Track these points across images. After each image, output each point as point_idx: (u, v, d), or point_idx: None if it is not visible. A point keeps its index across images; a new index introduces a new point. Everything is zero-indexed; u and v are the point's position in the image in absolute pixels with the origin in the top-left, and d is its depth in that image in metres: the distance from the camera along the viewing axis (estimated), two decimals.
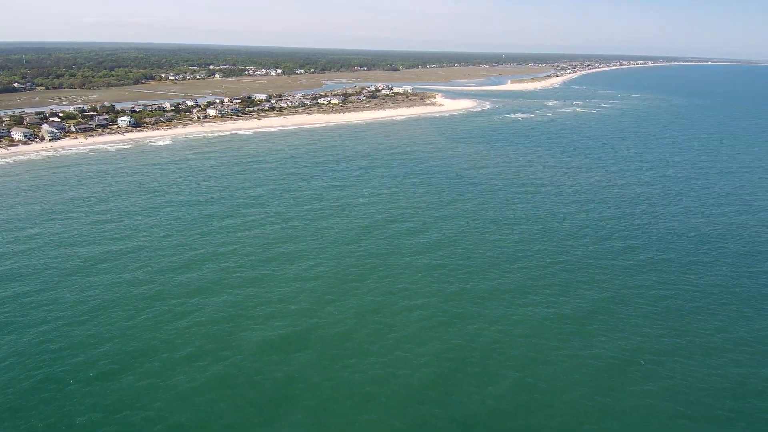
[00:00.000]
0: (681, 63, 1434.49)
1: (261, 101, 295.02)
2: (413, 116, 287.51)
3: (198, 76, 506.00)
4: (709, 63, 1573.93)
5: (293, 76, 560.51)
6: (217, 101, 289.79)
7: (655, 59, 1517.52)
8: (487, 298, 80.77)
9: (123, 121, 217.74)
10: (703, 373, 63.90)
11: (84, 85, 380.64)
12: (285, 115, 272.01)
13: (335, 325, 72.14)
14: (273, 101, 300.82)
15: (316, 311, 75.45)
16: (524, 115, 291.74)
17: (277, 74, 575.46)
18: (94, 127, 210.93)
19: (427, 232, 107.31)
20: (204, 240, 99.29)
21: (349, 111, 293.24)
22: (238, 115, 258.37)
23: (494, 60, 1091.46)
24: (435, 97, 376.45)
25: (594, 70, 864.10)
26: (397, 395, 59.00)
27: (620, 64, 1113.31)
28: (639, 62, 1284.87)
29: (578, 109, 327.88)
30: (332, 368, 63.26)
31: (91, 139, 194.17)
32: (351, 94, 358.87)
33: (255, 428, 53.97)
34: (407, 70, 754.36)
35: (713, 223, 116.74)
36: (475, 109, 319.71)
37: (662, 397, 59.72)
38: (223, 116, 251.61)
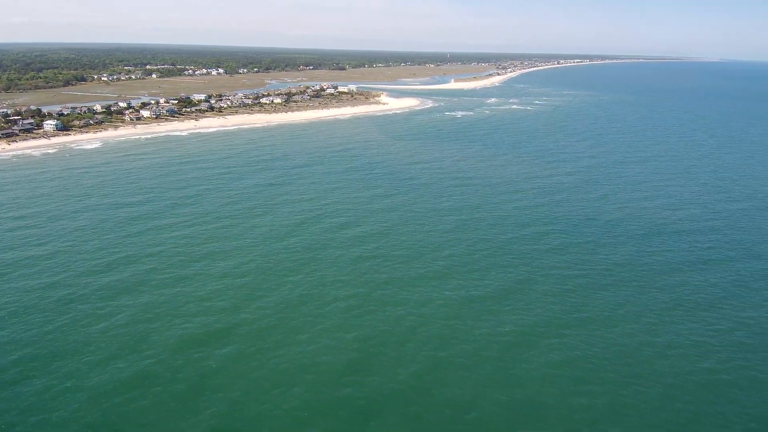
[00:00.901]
0: (615, 61, 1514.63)
1: (199, 101, 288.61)
2: (357, 115, 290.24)
3: (134, 77, 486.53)
4: (641, 61, 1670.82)
5: (236, 76, 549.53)
6: (152, 102, 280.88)
7: (591, 57, 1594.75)
8: (413, 285, 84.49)
9: (49, 125, 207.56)
10: (602, 343, 70.08)
11: (9, 88, 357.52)
12: (225, 115, 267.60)
13: (263, 319, 73.50)
14: (212, 101, 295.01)
15: (243, 306, 76.48)
16: (464, 113, 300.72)
17: (218, 74, 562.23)
18: (17, 132, 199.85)
19: (361, 225, 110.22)
20: (130, 242, 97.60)
21: (293, 110, 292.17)
22: (174, 116, 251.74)
23: (440, 59, 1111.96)
24: (380, 96, 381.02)
25: (533, 69, 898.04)
26: (321, 381, 61.30)
27: (558, 63, 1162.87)
28: (576, 61, 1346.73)
29: (514, 106, 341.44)
30: (258, 359, 64.74)
31: (14, 145, 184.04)
32: (295, 94, 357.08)
33: (178, 421, 54.68)
34: (354, 69, 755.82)
35: (623, 208, 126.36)
36: (418, 108, 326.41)
37: (565, 366, 65.20)
38: (158, 117, 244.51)
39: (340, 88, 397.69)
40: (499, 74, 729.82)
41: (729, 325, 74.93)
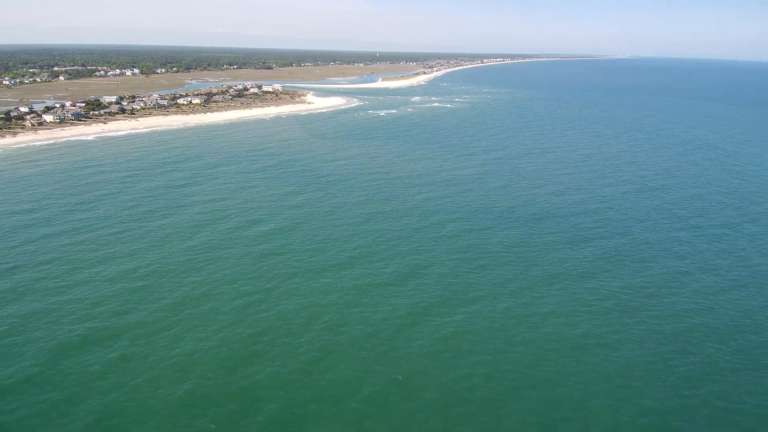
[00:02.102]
0: (534, 60, 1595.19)
1: (110, 104, 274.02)
2: (281, 114, 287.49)
3: (39, 80, 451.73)
4: (558, 59, 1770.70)
5: (153, 76, 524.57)
6: (57, 106, 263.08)
7: (513, 56, 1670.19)
8: (317, 277, 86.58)
9: None
10: (489, 318, 75.76)
11: None
12: (137, 117, 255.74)
13: (158, 321, 72.65)
14: (125, 103, 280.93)
15: (137, 309, 75.12)
16: (387, 111, 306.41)
17: (134, 74, 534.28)
18: None
19: (269, 222, 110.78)
20: (17, 251, 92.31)
21: (212, 111, 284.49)
22: (80, 120, 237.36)
23: (369, 59, 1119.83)
24: (306, 95, 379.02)
25: (458, 68, 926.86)
26: (213, 374, 61.94)
27: (482, 62, 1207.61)
28: (498, 60, 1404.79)
29: (436, 104, 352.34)
30: (149, 359, 64.20)
31: None
32: (215, 94, 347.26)
33: (54, 428, 53.53)
34: (281, 68, 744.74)
35: (521, 196, 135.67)
36: (344, 107, 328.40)
37: (452, 340, 69.99)
38: (62, 122, 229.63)
39: (265, 88, 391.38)
40: (425, 73, 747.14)
41: (600, 295, 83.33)
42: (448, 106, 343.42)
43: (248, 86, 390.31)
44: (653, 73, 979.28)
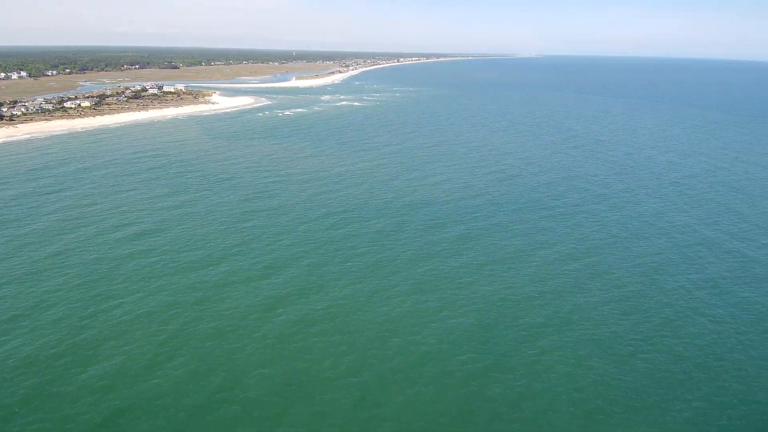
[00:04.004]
0: (448, 59, 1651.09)
1: None
2: (180, 116, 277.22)
3: None
4: (470, 58, 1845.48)
5: (42, 79, 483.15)
6: None
7: (428, 56, 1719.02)
8: (185, 274, 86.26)
9: None
10: (353, 297, 79.86)
11: None
12: (16, 123, 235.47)
13: None
14: (4, 109, 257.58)
15: None
16: (295, 110, 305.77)
17: (20, 77, 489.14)
18: None
19: (137, 225, 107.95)
20: None
21: (104, 114, 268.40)
22: None
23: (285, 57, 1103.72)
24: (211, 95, 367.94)
25: (375, 67, 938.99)
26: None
27: (398, 61, 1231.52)
28: (414, 59, 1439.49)
29: (344, 103, 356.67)
30: None
31: None
32: (110, 95, 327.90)
33: None
34: (189, 67, 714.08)
35: (402, 188, 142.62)
36: (251, 106, 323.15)
37: (331, 335, 73.21)
38: None
39: (166, 88, 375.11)
40: (341, 72, 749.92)
41: (465, 271, 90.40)
42: (356, 104, 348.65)
43: (147, 87, 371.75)
44: (546, 69, 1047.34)
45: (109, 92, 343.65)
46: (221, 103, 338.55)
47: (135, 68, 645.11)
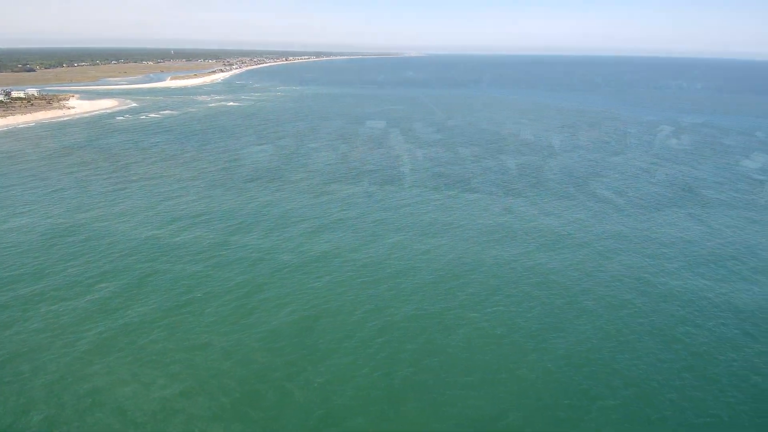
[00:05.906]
0: (339, 57, 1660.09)
1: None
2: (21, 125, 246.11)
3: None
4: (360, 57, 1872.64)
5: None
6: None
7: (318, 54, 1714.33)
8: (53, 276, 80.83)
9: None
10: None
11: None
12: None
13: None
14: None
15: None
16: (164, 112, 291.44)
17: None
18: None
19: None
20: None
21: None
22: None
23: (162, 56, 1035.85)
24: (68, 99, 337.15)
25: (261, 66, 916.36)
26: None
27: (287, 60, 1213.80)
28: (304, 57, 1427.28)
29: (221, 103, 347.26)
30: None
31: None
32: None
33: None
34: (47, 70, 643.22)
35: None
36: (115, 110, 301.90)
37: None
38: None
39: (14, 93, 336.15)
40: (223, 71, 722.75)
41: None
42: (233, 104, 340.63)
43: None
44: (423, 68, 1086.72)
45: None
46: (79, 107, 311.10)
47: None
